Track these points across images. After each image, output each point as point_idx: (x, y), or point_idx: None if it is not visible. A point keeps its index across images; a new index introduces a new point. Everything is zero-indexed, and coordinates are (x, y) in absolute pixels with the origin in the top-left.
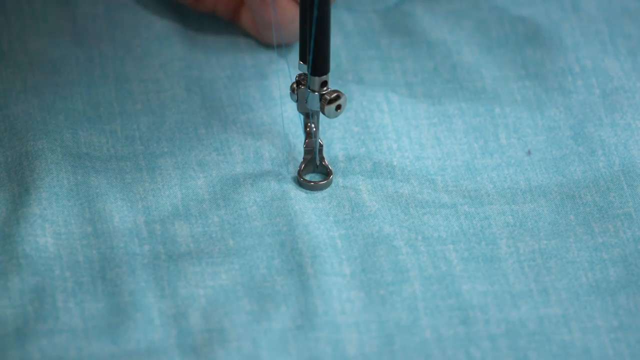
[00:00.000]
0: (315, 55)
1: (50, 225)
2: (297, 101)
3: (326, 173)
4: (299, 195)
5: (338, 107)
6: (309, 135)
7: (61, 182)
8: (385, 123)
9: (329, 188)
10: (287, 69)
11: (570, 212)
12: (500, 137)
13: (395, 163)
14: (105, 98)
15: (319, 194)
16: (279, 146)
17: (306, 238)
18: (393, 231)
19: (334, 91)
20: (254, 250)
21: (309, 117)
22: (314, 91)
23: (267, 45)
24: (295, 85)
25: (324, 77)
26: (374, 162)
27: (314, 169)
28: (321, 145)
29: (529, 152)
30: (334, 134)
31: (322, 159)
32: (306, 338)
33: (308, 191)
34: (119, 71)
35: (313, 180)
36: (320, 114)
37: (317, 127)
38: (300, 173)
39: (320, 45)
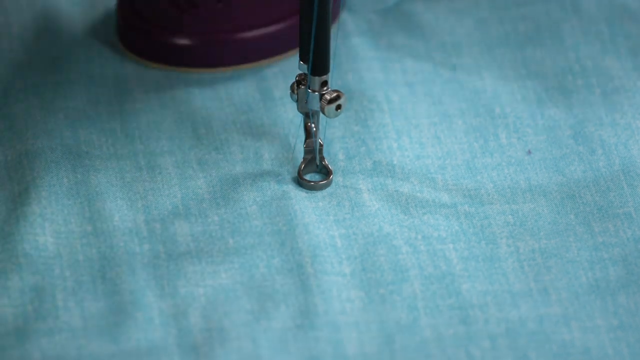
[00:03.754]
0: (316, 55)
1: (50, 224)
2: (297, 101)
3: (326, 173)
4: (299, 195)
5: (338, 107)
6: (309, 135)
7: (61, 181)
8: (386, 122)
9: (329, 187)
10: (288, 71)
11: (570, 211)
12: (501, 137)
13: (395, 162)
14: (105, 97)
15: (319, 194)
16: (278, 146)
17: (306, 237)
18: (393, 230)
19: (334, 91)
20: (254, 249)
21: (309, 117)
22: (314, 91)
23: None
24: (295, 85)
25: (324, 77)
26: (374, 161)
27: (314, 169)
28: (321, 145)
29: (529, 152)
30: (334, 133)
31: (322, 158)
32: (306, 337)
33: (308, 191)
34: (119, 71)
35: (313, 180)
36: (320, 114)
37: (317, 127)
38: (300, 173)
39: (321, 45)
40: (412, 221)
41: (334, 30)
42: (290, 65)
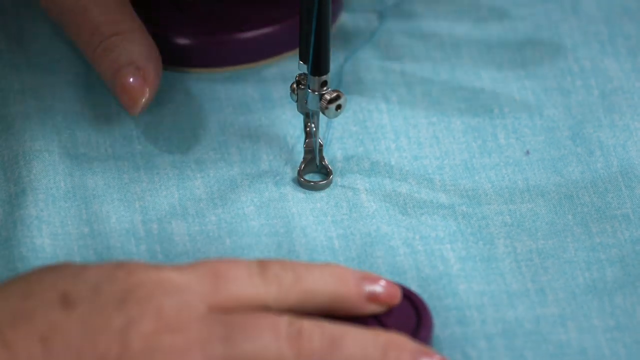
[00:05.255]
0: (315, 55)
1: (47, 226)
2: (297, 101)
3: (326, 173)
4: (296, 197)
5: (338, 107)
6: (309, 135)
7: (58, 184)
8: (384, 123)
9: (327, 188)
10: (287, 71)
11: (568, 212)
12: (499, 137)
13: (393, 163)
14: (104, 99)
15: (317, 194)
16: (277, 147)
17: (303, 241)
18: (391, 230)
19: (334, 91)
20: (251, 250)
21: (309, 117)
22: (314, 91)
23: None
24: (295, 85)
25: (324, 77)
26: (372, 162)
27: (314, 169)
28: (321, 145)
29: (527, 152)
30: (333, 133)
31: (322, 159)
32: None
33: (306, 191)
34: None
35: (313, 180)
36: (320, 114)
37: (317, 127)
38: (300, 173)
39: (320, 45)
40: (410, 221)
41: (333, 31)
42: (290, 66)
